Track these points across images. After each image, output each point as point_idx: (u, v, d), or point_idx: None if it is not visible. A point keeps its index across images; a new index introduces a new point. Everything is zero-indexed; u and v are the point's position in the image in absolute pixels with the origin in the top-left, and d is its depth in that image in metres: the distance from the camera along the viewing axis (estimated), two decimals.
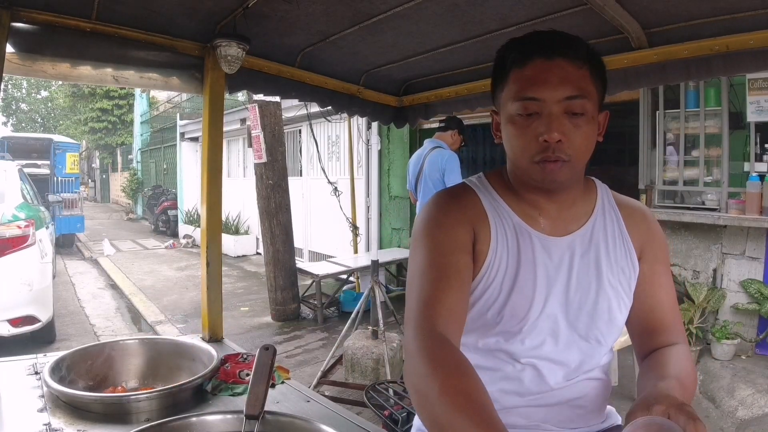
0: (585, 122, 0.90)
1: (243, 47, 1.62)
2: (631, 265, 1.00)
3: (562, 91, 0.88)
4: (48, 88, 30.55)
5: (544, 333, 0.96)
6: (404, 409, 2.18)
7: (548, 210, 0.99)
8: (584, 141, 0.91)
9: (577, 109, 0.89)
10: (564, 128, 0.88)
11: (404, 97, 2.32)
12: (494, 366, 0.98)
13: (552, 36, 0.92)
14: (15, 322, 4.10)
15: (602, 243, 0.99)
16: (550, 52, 0.89)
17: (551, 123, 0.88)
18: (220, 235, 1.82)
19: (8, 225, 4.31)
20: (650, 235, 1.03)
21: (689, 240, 4.15)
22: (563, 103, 0.89)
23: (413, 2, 1.44)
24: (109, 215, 18.64)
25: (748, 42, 1.37)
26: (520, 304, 0.95)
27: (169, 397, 1.19)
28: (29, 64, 1.41)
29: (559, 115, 0.89)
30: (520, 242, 0.97)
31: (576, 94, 0.89)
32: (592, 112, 0.91)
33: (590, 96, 0.90)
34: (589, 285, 0.97)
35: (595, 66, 0.92)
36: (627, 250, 1.00)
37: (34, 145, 11.20)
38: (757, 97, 3.60)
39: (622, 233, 1.01)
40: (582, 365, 0.98)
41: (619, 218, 1.02)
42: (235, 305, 5.88)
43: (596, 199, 1.04)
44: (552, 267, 0.97)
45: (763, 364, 3.64)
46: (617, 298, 0.98)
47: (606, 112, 0.97)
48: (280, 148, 5.56)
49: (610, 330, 0.99)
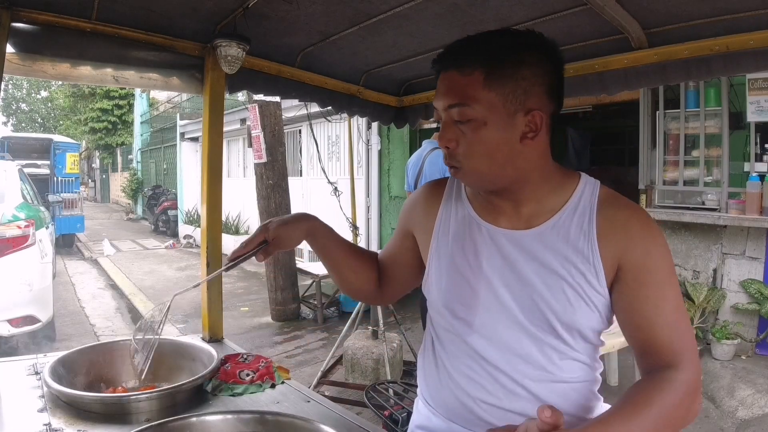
0: (471, 129, 0.90)
1: (243, 47, 1.62)
2: (593, 272, 0.93)
3: (444, 100, 0.92)
4: (48, 88, 30.56)
5: (498, 324, 0.97)
6: (404, 409, 2.18)
7: (501, 206, 1.00)
8: (477, 148, 0.91)
9: (456, 116, 0.91)
10: (452, 135, 0.92)
11: (404, 98, 2.32)
12: (462, 369, 1.01)
13: (451, 47, 0.94)
14: (15, 322, 4.10)
15: (562, 241, 0.95)
16: (445, 65, 0.93)
17: (441, 129, 0.94)
18: (220, 235, 1.82)
19: (8, 225, 4.31)
20: (629, 244, 0.92)
21: (689, 240, 4.15)
22: (448, 111, 0.92)
23: (413, 2, 1.44)
24: (109, 215, 18.64)
25: (748, 42, 1.37)
26: (463, 291, 1.00)
27: (169, 397, 1.19)
28: (29, 64, 1.41)
29: (449, 123, 0.93)
30: (466, 231, 1.03)
31: (455, 102, 0.90)
32: (490, 118, 0.89)
33: (479, 102, 0.89)
34: (544, 281, 0.94)
35: (492, 67, 0.89)
36: (591, 255, 0.93)
37: (34, 145, 11.20)
38: (757, 97, 3.60)
39: (590, 236, 0.94)
40: (552, 363, 0.96)
41: (592, 220, 0.94)
42: (235, 305, 5.88)
43: (570, 197, 0.98)
44: (499, 258, 0.98)
45: (763, 364, 3.64)
46: (578, 299, 0.93)
47: (535, 113, 0.90)
48: (280, 148, 5.56)
49: (574, 329, 0.95)
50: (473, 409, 0.99)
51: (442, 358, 1.05)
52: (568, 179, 1.00)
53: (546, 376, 0.96)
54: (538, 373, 0.96)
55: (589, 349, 1.00)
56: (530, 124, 0.91)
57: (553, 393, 0.96)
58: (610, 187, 1.02)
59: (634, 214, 0.95)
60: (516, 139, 0.91)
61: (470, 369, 1.00)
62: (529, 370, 0.96)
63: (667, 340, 0.90)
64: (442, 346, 1.06)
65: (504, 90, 0.89)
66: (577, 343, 0.97)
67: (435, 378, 1.07)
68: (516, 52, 0.91)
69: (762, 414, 3.09)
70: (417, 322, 4.84)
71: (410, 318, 5.06)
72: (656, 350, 0.91)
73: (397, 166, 6.55)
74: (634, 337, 0.94)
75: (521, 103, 0.90)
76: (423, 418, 1.11)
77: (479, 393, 0.98)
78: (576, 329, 0.95)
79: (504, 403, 0.97)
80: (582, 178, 1.01)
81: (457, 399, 1.01)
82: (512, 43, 0.92)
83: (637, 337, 0.93)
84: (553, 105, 0.95)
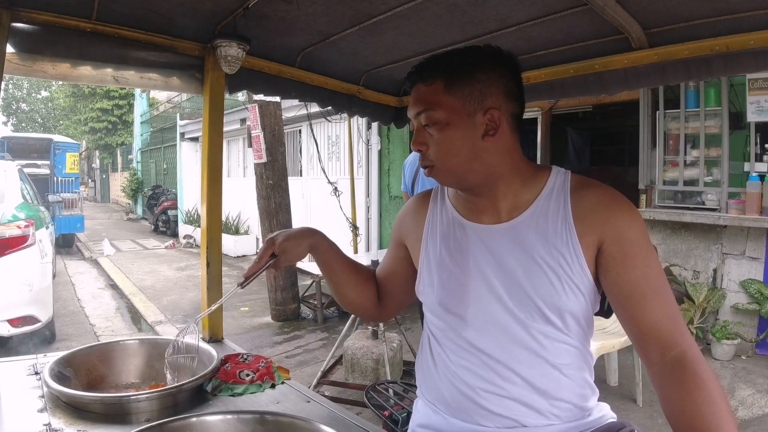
0: (437, 130, 1.01)
1: (243, 47, 1.62)
2: (572, 252, 0.98)
3: (414, 109, 1.05)
4: (48, 88, 30.59)
5: (491, 315, 1.02)
6: (404, 409, 2.18)
7: (480, 204, 1.08)
8: (440, 146, 1.02)
9: (424, 121, 1.03)
10: (422, 138, 1.04)
11: (404, 98, 2.32)
12: (459, 361, 1.05)
13: (419, 66, 1.06)
14: (15, 322, 4.10)
15: (541, 227, 1.01)
16: (413, 80, 1.06)
17: (414, 136, 1.06)
18: (220, 235, 1.82)
19: (8, 225, 4.31)
20: (609, 217, 0.98)
21: (689, 240, 4.15)
22: (417, 118, 1.04)
23: (413, 2, 1.44)
24: (109, 215, 18.64)
25: (748, 42, 1.37)
26: (455, 288, 1.07)
27: (169, 397, 1.20)
28: (29, 64, 1.41)
29: (419, 128, 1.05)
30: (452, 232, 1.11)
31: (421, 109, 1.03)
32: (453, 120, 1.00)
33: (440, 106, 1.01)
34: (528, 268, 1.00)
35: (451, 76, 1.01)
36: (569, 237, 0.98)
37: (34, 145, 11.20)
38: (757, 97, 3.60)
39: (566, 218, 1.00)
40: (543, 348, 1.00)
41: (567, 204, 1.01)
42: (235, 305, 5.88)
43: (543, 187, 1.05)
44: (485, 253, 1.05)
45: (763, 364, 3.64)
46: (560, 281, 0.98)
47: (493, 111, 1.00)
48: (280, 148, 5.56)
49: (561, 311, 0.99)
50: (473, 398, 1.02)
51: (439, 354, 1.09)
52: (540, 172, 1.08)
53: (538, 361, 1.00)
54: (530, 358, 1.00)
55: (580, 333, 1.03)
56: (490, 122, 1.01)
57: (545, 377, 1.00)
58: (612, 187, 1.06)
59: (606, 191, 1.02)
60: (478, 137, 1.01)
61: (467, 360, 1.04)
62: (523, 355, 1.00)
63: (657, 309, 0.94)
64: (438, 344, 1.11)
65: (462, 93, 1.00)
66: (566, 326, 1.01)
67: (434, 374, 1.10)
68: (472, 60, 1.02)
69: (762, 414, 3.09)
70: (417, 322, 4.84)
71: (410, 318, 5.06)
72: (658, 334, 0.93)
73: (397, 166, 6.55)
74: (632, 321, 0.96)
75: (479, 103, 1.00)
76: (423, 417, 1.13)
77: (478, 382, 1.02)
78: (564, 312, 1.00)
79: (502, 390, 1.01)
80: (553, 170, 1.08)
81: (457, 390, 1.04)
82: (468, 54, 1.04)
83: (635, 319, 0.95)
84: (513, 106, 1.03)
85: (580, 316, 1.02)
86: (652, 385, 0.96)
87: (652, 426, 2.95)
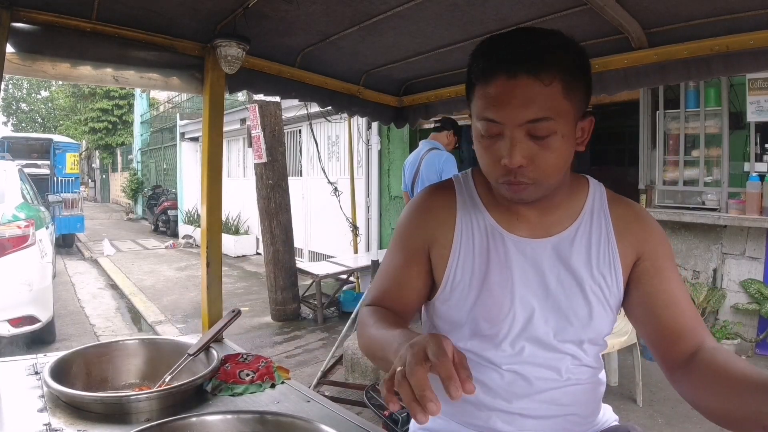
0: (553, 142, 0.83)
1: (243, 47, 1.62)
2: (614, 273, 0.96)
3: (525, 114, 0.81)
4: (48, 88, 30.57)
5: (523, 338, 0.96)
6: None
7: (526, 215, 0.98)
8: (552, 161, 0.85)
9: (541, 132, 0.82)
10: (527, 152, 0.83)
11: (404, 98, 2.32)
12: (476, 375, 0.99)
13: (516, 47, 0.82)
14: (15, 322, 4.10)
15: (585, 247, 0.96)
16: (514, 68, 0.80)
17: (512, 148, 0.83)
18: (220, 235, 1.82)
19: (8, 225, 4.31)
20: (646, 234, 0.97)
21: (689, 240, 4.15)
22: (525, 126, 0.82)
23: (413, 2, 1.44)
24: (109, 215, 18.64)
25: (748, 42, 1.37)
26: (493, 307, 0.96)
27: (169, 397, 1.19)
28: (29, 64, 1.41)
29: (521, 139, 0.83)
30: (491, 243, 0.98)
31: (540, 116, 0.81)
32: (564, 129, 0.83)
33: (561, 114, 0.82)
34: (569, 290, 0.95)
35: (570, 75, 0.82)
36: (612, 258, 0.96)
37: (34, 145, 11.21)
38: (757, 97, 3.60)
39: (609, 238, 0.96)
40: (567, 370, 0.97)
41: (608, 222, 0.97)
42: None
43: (585, 201, 0.99)
44: (528, 270, 0.96)
45: (763, 364, 3.64)
46: (599, 304, 0.95)
47: (590, 119, 0.89)
48: (280, 148, 5.56)
49: (593, 336, 0.97)
50: (478, 405, 0.99)
51: None
52: (579, 182, 1.02)
53: (555, 378, 0.98)
54: (549, 375, 0.97)
55: (597, 353, 1.03)
56: (584, 130, 0.89)
57: (566, 395, 0.98)
58: (611, 188, 1.05)
59: (640, 209, 1.03)
60: (573, 147, 0.88)
61: (476, 371, 0.96)
62: (541, 373, 0.97)
63: (694, 317, 0.92)
64: None
65: (577, 98, 0.84)
66: (591, 350, 1.00)
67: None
68: (582, 54, 0.86)
69: None
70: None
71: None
72: (690, 329, 0.90)
73: (397, 166, 6.55)
74: (667, 319, 0.91)
75: (582, 109, 0.87)
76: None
77: (486, 395, 0.98)
78: (594, 337, 0.98)
79: (509, 406, 0.97)
80: (590, 181, 1.03)
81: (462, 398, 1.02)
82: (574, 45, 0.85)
83: (670, 318, 0.91)
84: None
85: (604, 337, 1.01)
86: (651, 386, 0.96)
87: (652, 426, 2.95)
